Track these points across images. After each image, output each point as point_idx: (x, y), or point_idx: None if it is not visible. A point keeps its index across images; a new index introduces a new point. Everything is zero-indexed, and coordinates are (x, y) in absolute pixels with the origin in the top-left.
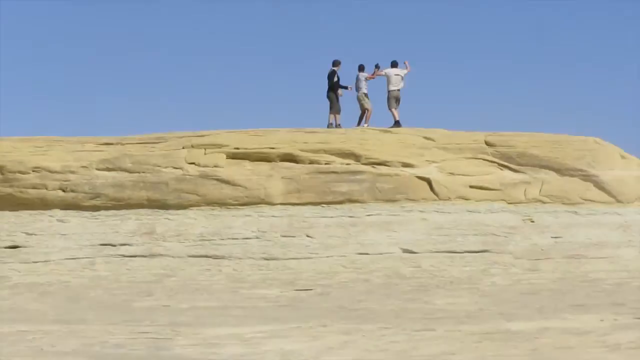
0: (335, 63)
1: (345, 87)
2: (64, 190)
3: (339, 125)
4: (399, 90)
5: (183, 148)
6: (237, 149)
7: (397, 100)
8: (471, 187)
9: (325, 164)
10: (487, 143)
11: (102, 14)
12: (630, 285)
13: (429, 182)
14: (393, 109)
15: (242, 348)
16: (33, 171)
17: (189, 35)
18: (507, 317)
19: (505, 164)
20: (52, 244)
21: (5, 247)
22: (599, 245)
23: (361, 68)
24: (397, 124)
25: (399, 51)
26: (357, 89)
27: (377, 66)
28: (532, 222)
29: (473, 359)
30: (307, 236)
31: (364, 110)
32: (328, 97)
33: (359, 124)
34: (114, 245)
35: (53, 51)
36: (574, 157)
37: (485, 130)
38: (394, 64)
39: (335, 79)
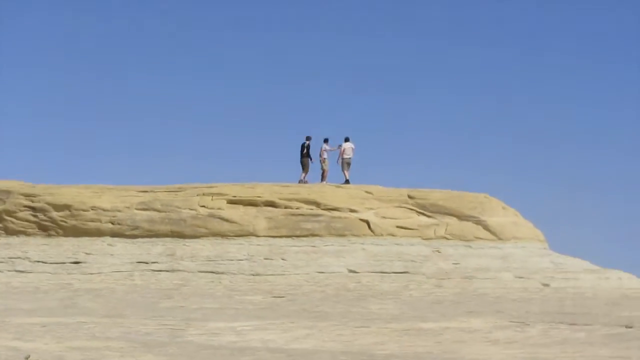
0: (308, 138)
1: (311, 158)
2: (112, 223)
3: (306, 181)
4: (350, 158)
5: (197, 195)
6: (234, 197)
7: (349, 165)
8: (397, 227)
9: (296, 208)
10: (409, 196)
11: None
12: (506, 298)
13: (368, 223)
14: (345, 171)
15: (234, 337)
16: (91, 209)
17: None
18: (420, 319)
19: (421, 211)
20: (104, 261)
21: (71, 263)
22: (485, 269)
23: (325, 140)
24: (347, 182)
25: (351, 128)
26: (320, 155)
27: (339, 146)
28: (439, 252)
29: (396, 348)
30: (282, 259)
31: (323, 171)
32: (301, 161)
33: (321, 180)
34: (147, 263)
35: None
36: (469, 208)
37: (407, 187)
38: (347, 139)
39: (306, 149)
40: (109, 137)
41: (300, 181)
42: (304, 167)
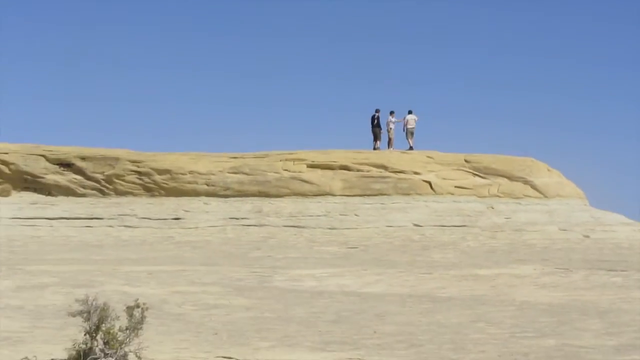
0: (377, 110)
1: (380, 128)
2: (207, 185)
3: (378, 148)
4: (413, 127)
5: (280, 161)
6: (313, 161)
7: (412, 134)
8: (455, 187)
9: (367, 171)
10: (465, 160)
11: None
12: (552, 248)
13: (430, 183)
14: (409, 139)
15: (314, 282)
16: (189, 173)
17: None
18: (476, 267)
19: (476, 173)
20: (200, 217)
21: (172, 219)
22: (533, 223)
23: (391, 113)
24: (411, 148)
25: (415, 99)
26: (387, 125)
27: (404, 117)
28: (492, 208)
29: (455, 291)
30: (355, 215)
31: (390, 139)
32: (372, 131)
33: (387, 147)
34: (238, 219)
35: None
36: (518, 170)
37: (464, 152)
38: (410, 112)
39: (376, 121)
40: (198, 108)
41: (374, 148)
42: (376, 136)
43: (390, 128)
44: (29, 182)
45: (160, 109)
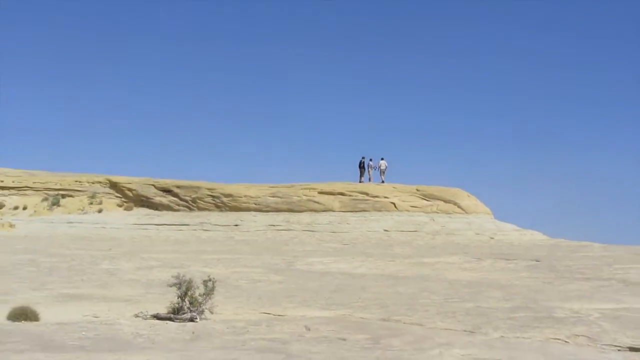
0: (362, 157)
1: (364, 168)
2: (256, 204)
3: (362, 181)
4: (385, 168)
5: (301, 189)
6: (322, 190)
7: (384, 172)
8: (410, 206)
9: (355, 196)
10: (417, 189)
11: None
12: (470, 245)
13: (394, 204)
14: (382, 176)
15: (322, 266)
16: (244, 196)
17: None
18: (423, 257)
19: (424, 198)
20: (250, 225)
21: (233, 225)
22: (458, 229)
23: (370, 159)
24: (383, 182)
25: (390, 147)
26: (368, 166)
27: (379, 161)
28: (433, 220)
29: (409, 272)
30: (347, 224)
31: (370, 176)
32: (359, 170)
33: (368, 181)
34: (274, 225)
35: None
36: (450, 196)
37: (416, 184)
38: (382, 158)
39: (362, 164)
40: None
41: (360, 181)
42: (362, 174)
43: (371, 168)
44: (144, 202)
45: (229, 152)
